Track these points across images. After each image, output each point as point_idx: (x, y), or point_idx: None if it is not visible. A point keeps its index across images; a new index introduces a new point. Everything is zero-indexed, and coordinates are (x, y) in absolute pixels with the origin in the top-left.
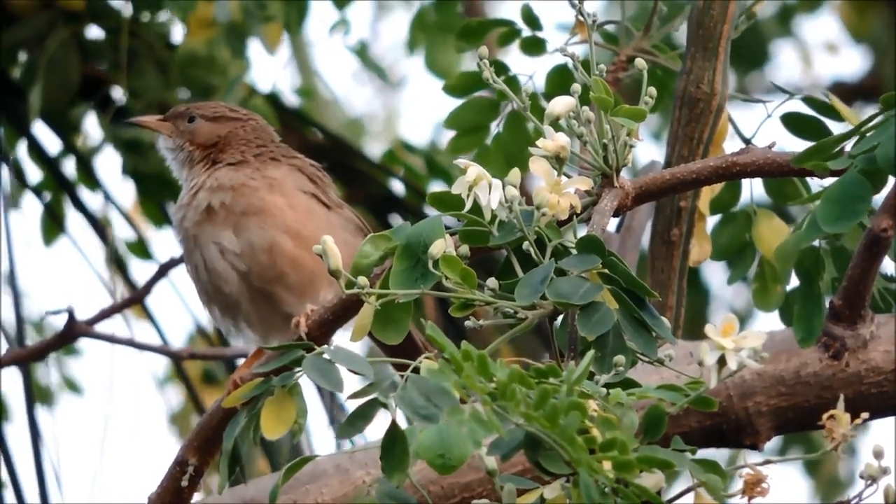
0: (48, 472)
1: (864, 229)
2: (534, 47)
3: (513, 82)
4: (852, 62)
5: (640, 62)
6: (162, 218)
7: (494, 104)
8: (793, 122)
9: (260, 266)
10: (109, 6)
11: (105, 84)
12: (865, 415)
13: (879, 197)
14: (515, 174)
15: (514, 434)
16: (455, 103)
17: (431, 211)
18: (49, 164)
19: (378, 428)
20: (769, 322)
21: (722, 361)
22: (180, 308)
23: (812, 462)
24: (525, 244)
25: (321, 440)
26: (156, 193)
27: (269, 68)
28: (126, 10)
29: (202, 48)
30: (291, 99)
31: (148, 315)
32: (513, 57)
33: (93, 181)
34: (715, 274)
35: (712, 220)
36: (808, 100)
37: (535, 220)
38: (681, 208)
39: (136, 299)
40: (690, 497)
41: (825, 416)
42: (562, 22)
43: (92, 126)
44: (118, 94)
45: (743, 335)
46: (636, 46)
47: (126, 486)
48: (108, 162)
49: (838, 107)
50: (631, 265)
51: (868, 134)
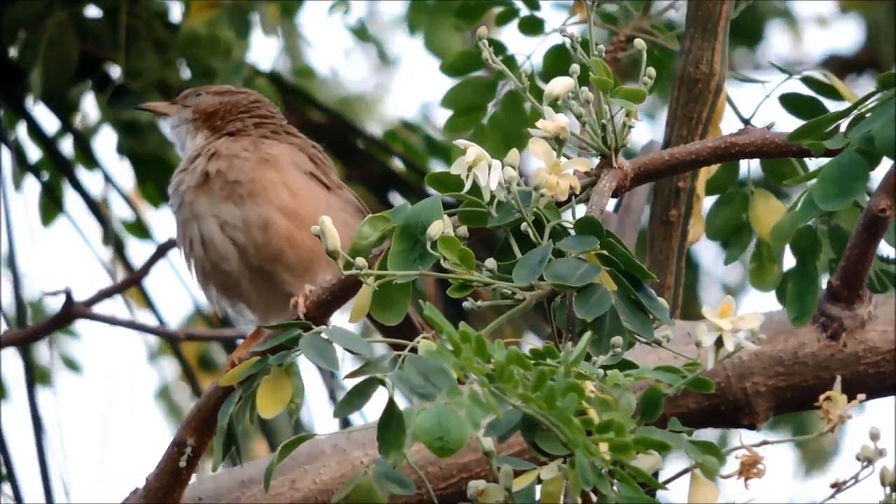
0: (49, 456)
1: (862, 210)
2: (532, 27)
3: (510, 62)
4: (846, 35)
5: (640, 42)
6: (160, 198)
7: (491, 84)
8: (792, 103)
9: (255, 243)
10: None
11: (103, 63)
12: (862, 396)
13: (879, 176)
14: (514, 155)
15: (512, 415)
16: (452, 83)
17: (432, 190)
18: (47, 144)
19: (377, 409)
20: (765, 302)
21: (719, 342)
22: (178, 289)
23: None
24: (523, 225)
25: (323, 422)
26: (154, 174)
27: (265, 48)
28: None
29: (203, 28)
30: (292, 78)
31: (145, 297)
32: (510, 36)
33: (91, 161)
34: (706, 251)
35: (710, 201)
36: (808, 80)
37: (534, 201)
38: (679, 189)
39: (135, 280)
40: (687, 478)
41: (822, 397)
42: (560, 1)
43: (90, 106)
44: (116, 74)
45: (740, 316)
46: (635, 26)
47: (124, 467)
48: (107, 142)
49: (838, 86)
50: (629, 246)
51: (867, 115)
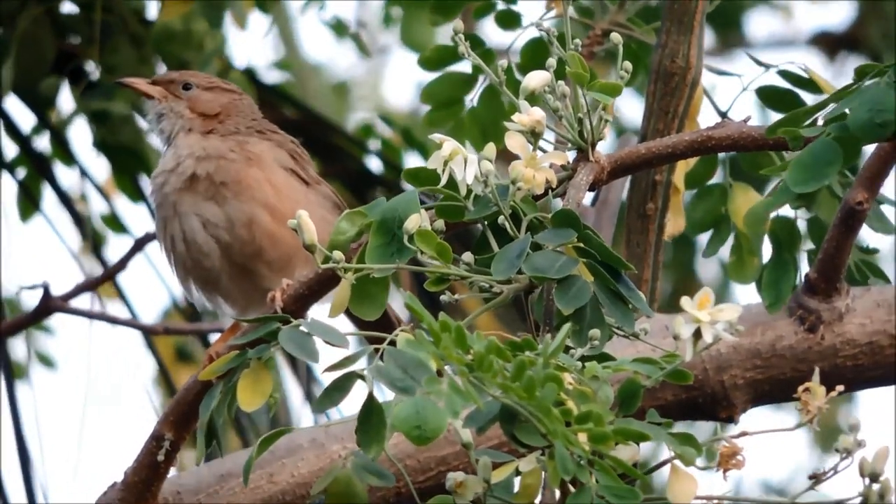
0: (30, 448)
1: (840, 201)
2: (509, 21)
3: (488, 56)
4: (838, 11)
5: (616, 36)
6: (136, 193)
7: (470, 78)
8: (768, 97)
9: (240, 241)
10: None
11: (79, 59)
12: (840, 387)
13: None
14: (491, 148)
15: (491, 406)
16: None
17: (408, 186)
18: (23, 141)
19: (354, 402)
20: (745, 295)
21: (697, 334)
22: (155, 284)
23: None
24: (500, 218)
25: (298, 417)
26: (128, 167)
27: (246, 42)
28: None
29: (178, 23)
30: (267, 75)
31: (119, 293)
32: (489, 29)
33: (68, 156)
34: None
35: (689, 194)
36: (784, 73)
37: (511, 195)
38: (656, 182)
39: (112, 274)
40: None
41: (800, 389)
42: None
43: (66, 100)
44: (92, 69)
45: (719, 308)
46: (611, 20)
47: (103, 461)
48: (83, 137)
49: (816, 79)
50: (606, 239)
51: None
